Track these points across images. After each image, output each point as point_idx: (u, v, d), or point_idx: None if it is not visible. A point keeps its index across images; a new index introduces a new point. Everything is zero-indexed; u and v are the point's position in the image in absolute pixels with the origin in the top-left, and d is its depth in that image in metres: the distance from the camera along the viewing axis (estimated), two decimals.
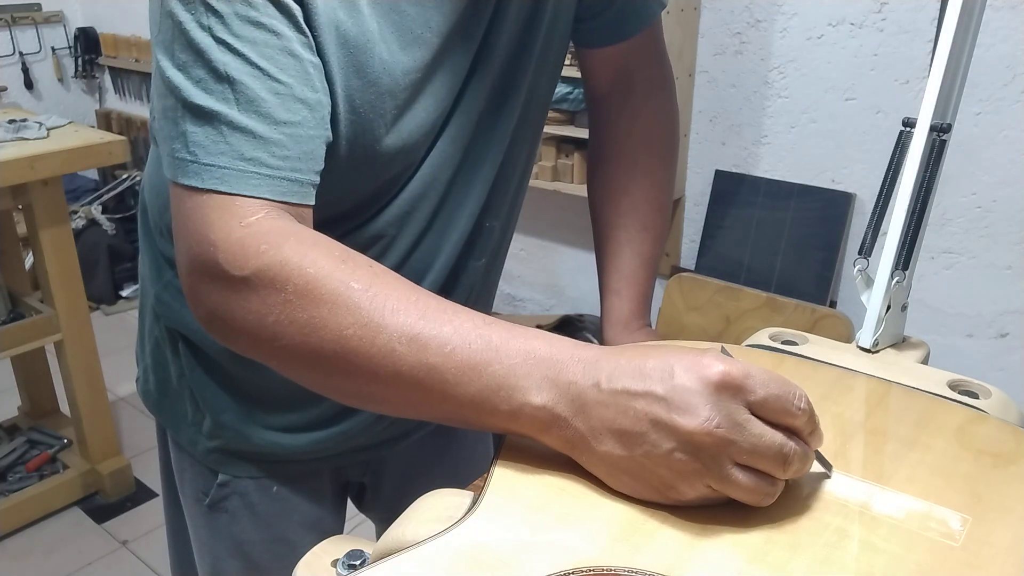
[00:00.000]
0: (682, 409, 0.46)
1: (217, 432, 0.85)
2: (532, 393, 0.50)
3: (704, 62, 2.16)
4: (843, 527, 0.51)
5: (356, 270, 0.55)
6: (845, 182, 2.02)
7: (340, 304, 0.53)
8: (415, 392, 0.53)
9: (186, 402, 0.86)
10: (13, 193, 1.93)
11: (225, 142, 0.56)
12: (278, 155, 0.57)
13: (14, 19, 3.79)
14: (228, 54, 0.56)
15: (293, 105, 0.58)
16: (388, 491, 1.00)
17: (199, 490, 0.89)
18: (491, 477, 0.54)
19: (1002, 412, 0.66)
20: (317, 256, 0.55)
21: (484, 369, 0.51)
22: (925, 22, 1.81)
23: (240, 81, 0.56)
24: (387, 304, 0.53)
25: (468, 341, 0.52)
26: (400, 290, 0.54)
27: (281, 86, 0.57)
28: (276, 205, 0.58)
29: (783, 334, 0.78)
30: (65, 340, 2.07)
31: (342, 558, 0.53)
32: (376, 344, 0.52)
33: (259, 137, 0.57)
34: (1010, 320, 1.88)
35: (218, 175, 0.56)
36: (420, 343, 0.52)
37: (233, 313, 0.57)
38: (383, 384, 0.54)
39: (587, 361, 0.50)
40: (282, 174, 0.58)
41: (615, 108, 0.89)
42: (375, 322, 0.52)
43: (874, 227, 0.75)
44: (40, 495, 2.16)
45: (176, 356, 0.85)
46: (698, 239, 2.24)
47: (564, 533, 0.50)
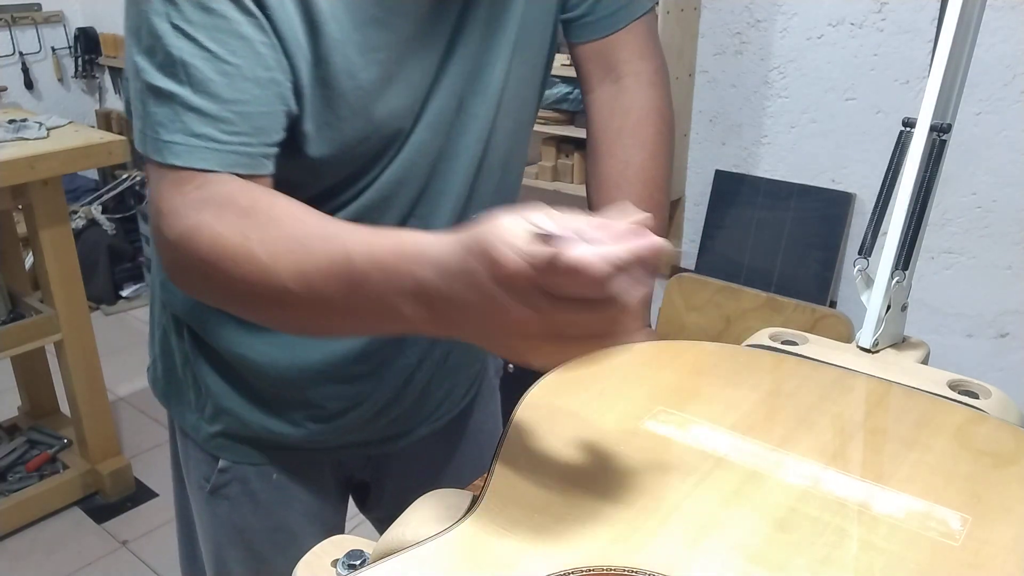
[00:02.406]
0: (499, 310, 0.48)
1: (218, 417, 0.87)
2: (405, 306, 0.55)
3: (704, 62, 2.16)
4: (843, 527, 0.51)
5: (254, 220, 0.61)
6: (845, 182, 2.02)
7: (240, 256, 0.60)
8: (315, 317, 0.61)
9: (190, 388, 0.88)
10: (13, 193, 1.93)
11: (180, 120, 0.62)
12: (227, 131, 0.62)
13: (14, 19, 3.79)
14: (182, 39, 0.61)
15: (241, 84, 0.62)
16: (391, 491, 1.00)
17: (202, 476, 0.91)
18: (491, 477, 0.54)
19: (1002, 412, 0.66)
20: (224, 214, 0.61)
21: (360, 289, 0.56)
22: (925, 22, 1.81)
23: (192, 64, 0.61)
24: (276, 247, 0.59)
25: (340, 268, 0.57)
26: (288, 230, 0.60)
27: (230, 67, 0.62)
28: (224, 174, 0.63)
29: (783, 334, 0.78)
30: (65, 340, 2.07)
31: (342, 558, 0.53)
32: (273, 285, 0.59)
33: (208, 115, 0.62)
34: (1010, 320, 1.88)
35: (175, 151, 0.62)
36: (306, 278, 0.58)
37: (176, 270, 0.66)
38: (292, 314, 0.61)
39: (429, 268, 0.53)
40: (231, 148, 0.63)
41: (607, 104, 0.89)
42: (269, 267, 0.59)
43: (874, 227, 0.75)
44: (40, 495, 2.16)
45: (181, 342, 0.87)
46: (698, 239, 2.24)
47: (564, 533, 0.50)
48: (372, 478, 0.99)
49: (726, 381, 0.69)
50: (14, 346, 2.02)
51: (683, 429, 0.61)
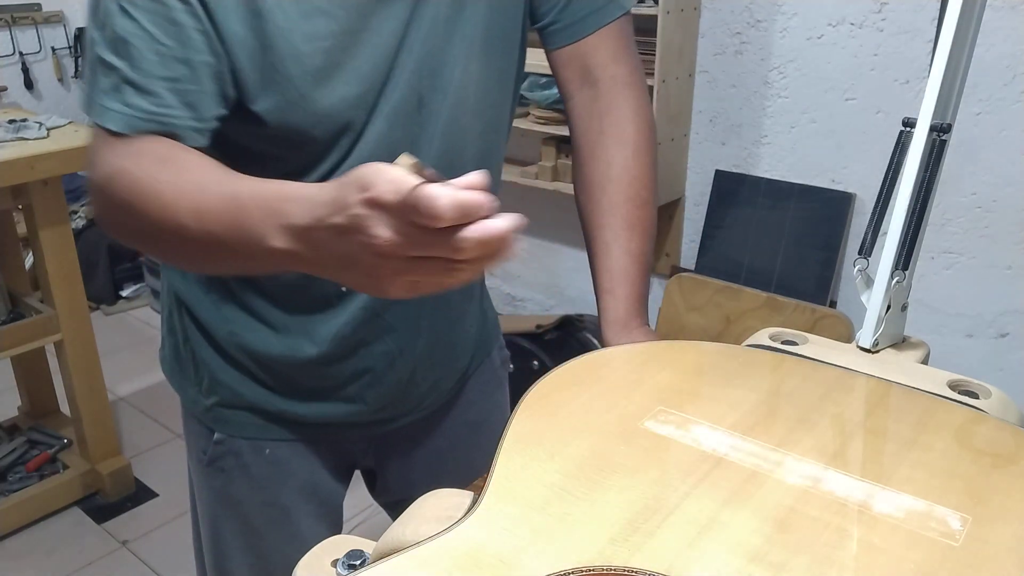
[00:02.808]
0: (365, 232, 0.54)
1: (213, 389, 0.91)
2: (273, 238, 0.62)
3: (704, 62, 2.16)
4: (843, 527, 0.51)
5: (167, 166, 0.68)
6: (845, 182, 2.02)
7: (149, 196, 0.67)
8: (207, 250, 0.68)
9: (190, 364, 0.93)
10: (13, 193, 1.93)
11: (119, 92, 0.69)
12: (157, 103, 0.69)
13: (14, 19, 3.78)
14: (126, 19, 0.69)
15: (172, 64, 0.69)
16: (395, 477, 1.02)
17: (200, 449, 0.95)
18: (491, 477, 0.54)
19: (1002, 412, 0.66)
20: (142, 161, 0.69)
21: (241, 226, 0.63)
22: (925, 22, 1.81)
23: (131, 43, 0.69)
24: (179, 189, 0.67)
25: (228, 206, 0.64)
26: (192, 175, 0.68)
27: (163, 48, 0.69)
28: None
29: (783, 334, 0.78)
30: (65, 340, 2.07)
31: (342, 558, 0.53)
32: (173, 222, 0.66)
33: (142, 89, 0.69)
34: (1010, 320, 1.88)
35: (111, 117, 0.70)
36: (200, 215, 0.65)
37: (101, 211, 0.73)
38: (191, 249, 0.69)
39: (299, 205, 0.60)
40: (159, 119, 0.70)
41: (586, 108, 0.91)
42: (171, 206, 0.66)
43: (874, 227, 0.75)
44: (40, 495, 2.16)
45: (183, 320, 0.92)
46: (698, 239, 2.24)
47: (564, 533, 0.50)
48: (375, 463, 1.01)
49: (726, 381, 0.69)
50: (14, 346, 2.02)
51: (683, 429, 0.61)
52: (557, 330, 2.20)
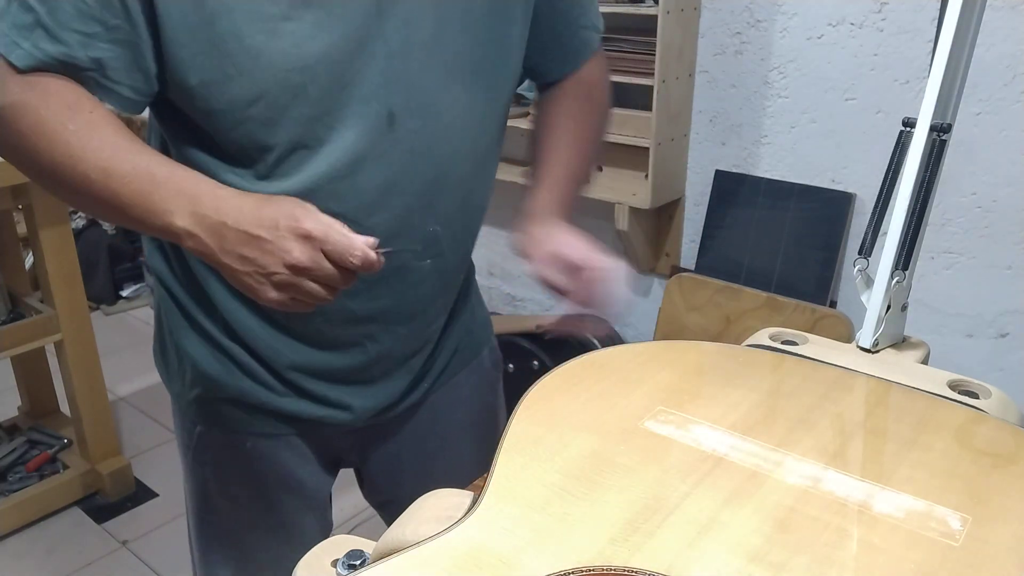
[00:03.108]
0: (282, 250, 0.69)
1: (196, 381, 0.91)
2: (176, 217, 0.71)
3: (704, 62, 2.16)
4: (843, 527, 0.51)
5: (76, 115, 0.72)
6: (845, 182, 2.02)
7: (56, 139, 0.71)
8: (105, 206, 0.73)
9: (174, 355, 0.93)
10: (13, 193, 1.93)
11: (31, 32, 0.71)
12: (66, 53, 0.71)
13: None
14: None
15: (88, 21, 0.71)
16: (381, 474, 1.02)
17: (184, 443, 0.97)
18: (491, 477, 0.54)
19: (1002, 412, 0.66)
20: (50, 101, 0.72)
21: (148, 196, 0.71)
22: (925, 22, 1.81)
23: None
24: (90, 143, 0.72)
25: (141, 175, 0.72)
26: (104, 133, 0.73)
27: (84, 5, 0.70)
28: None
29: (783, 334, 0.78)
30: (65, 340, 2.07)
31: (342, 558, 0.53)
32: (77, 171, 0.72)
33: (54, 36, 0.71)
34: (1010, 320, 1.88)
35: (17, 53, 0.71)
36: (107, 173, 0.71)
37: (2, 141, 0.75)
38: (85, 199, 0.74)
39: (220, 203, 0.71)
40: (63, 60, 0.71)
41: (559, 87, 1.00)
42: (77, 155, 0.71)
43: (874, 227, 0.75)
44: (40, 495, 2.16)
45: (167, 312, 0.92)
46: (698, 239, 2.24)
47: (564, 533, 0.50)
48: (361, 461, 1.02)
49: (726, 381, 0.69)
50: (14, 346, 2.02)
51: (683, 429, 0.61)
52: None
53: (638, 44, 2.05)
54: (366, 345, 0.89)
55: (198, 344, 0.90)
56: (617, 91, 2.33)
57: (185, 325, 0.91)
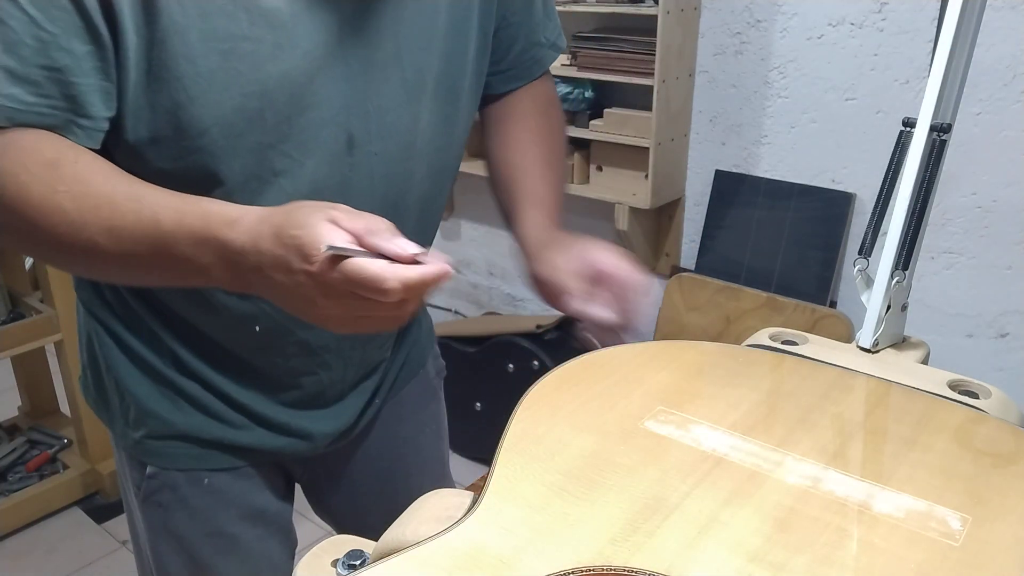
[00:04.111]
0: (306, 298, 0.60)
1: (142, 420, 0.85)
2: (212, 269, 0.62)
3: (704, 62, 2.15)
4: (843, 527, 0.51)
5: (62, 172, 0.63)
6: (845, 182, 2.02)
7: (47, 207, 0.62)
8: (124, 269, 0.65)
9: (114, 394, 0.86)
10: None
11: None
12: (33, 93, 0.63)
13: None
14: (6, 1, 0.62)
15: (55, 53, 0.63)
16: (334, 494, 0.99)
17: (134, 484, 0.90)
18: (491, 477, 0.54)
19: (1002, 412, 0.66)
20: (28, 163, 0.63)
21: (170, 251, 0.62)
22: (925, 22, 1.81)
23: (9, 24, 0.62)
24: (86, 203, 0.62)
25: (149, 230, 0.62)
26: (98, 187, 0.63)
27: (46, 34, 0.62)
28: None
29: (783, 334, 0.78)
30: (65, 340, 2.07)
31: (342, 558, 0.53)
32: (82, 238, 0.62)
33: (16, 76, 0.62)
34: (1010, 320, 1.88)
35: None
36: (115, 234, 0.62)
37: None
38: (100, 266, 0.66)
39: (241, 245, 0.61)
40: (36, 110, 0.63)
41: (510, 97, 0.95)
42: (77, 221, 0.62)
43: (874, 227, 0.75)
44: (40, 495, 2.16)
45: (102, 347, 0.86)
46: (698, 239, 2.24)
47: (564, 533, 0.50)
48: (312, 479, 0.98)
49: (726, 381, 0.69)
50: (14, 346, 2.02)
51: (683, 429, 0.61)
52: (557, 330, 2.20)
53: (638, 44, 2.05)
54: (319, 373, 0.86)
55: (141, 380, 0.84)
56: (617, 91, 2.33)
57: (124, 360, 0.84)
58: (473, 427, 2.13)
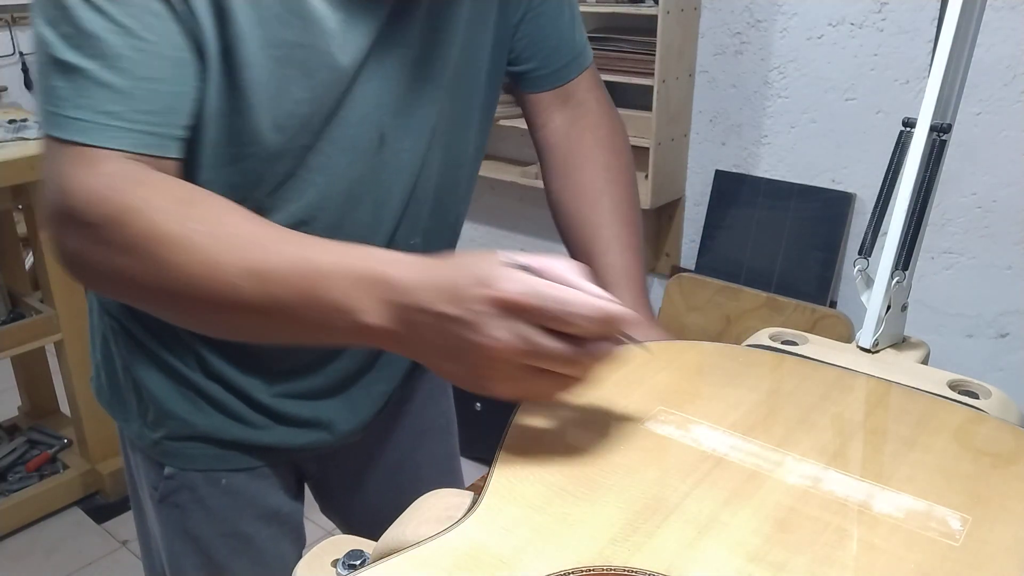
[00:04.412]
0: (479, 332, 0.52)
1: (161, 421, 0.84)
2: (367, 315, 0.55)
3: (704, 62, 2.15)
4: (843, 527, 0.51)
5: (196, 210, 0.59)
6: (845, 182, 2.02)
7: (180, 245, 0.57)
8: (262, 320, 0.58)
9: (132, 394, 0.86)
10: (13, 193, 1.93)
11: (87, 96, 0.59)
12: (138, 109, 0.60)
13: (14, 19, 3.79)
14: (92, 11, 0.59)
15: (155, 62, 0.60)
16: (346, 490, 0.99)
17: (151, 485, 0.89)
18: (491, 477, 0.54)
19: (1002, 412, 0.66)
20: (159, 200, 0.58)
21: (321, 295, 0.56)
22: (925, 22, 1.81)
23: (103, 38, 0.59)
24: (225, 241, 0.57)
25: (301, 269, 0.56)
26: (238, 225, 0.59)
27: (144, 43, 0.59)
28: (134, 156, 0.61)
29: (783, 334, 0.78)
30: (65, 340, 2.07)
31: (342, 558, 0.53)
32: (217, 280, 0.57)
33: (119, 91, 0.59)
34: (1010, 320, 1.88)
35: (80, 127, 0.59)
36: (258, 276, 0.56)
37: (88, 257, 0.61)
38: (231, 315, 0.59)
39: (408, 283, 0.55)
40: (141, 127, 0.60)
41: (571, 126, 0.92)
42: (214, 260, 0.57)
43: (874, 227, 0.75)
44: (40, 495, 2.16)
45: (119, 347, 0.85)
46: (698, 239, 2.24)
47: (564, 533, 0.50)
48: (324, 477, 0.99)
49: (726, 381, 0.69)
50: (14, 346, 2.02)
51: (683, 429, 0.61)
52: None
53: (638, 44, 2.05)
54: (343, 357, 0.85)
55: (162, 381, 0.83)
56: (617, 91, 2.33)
57: (145, 361, 0.83)
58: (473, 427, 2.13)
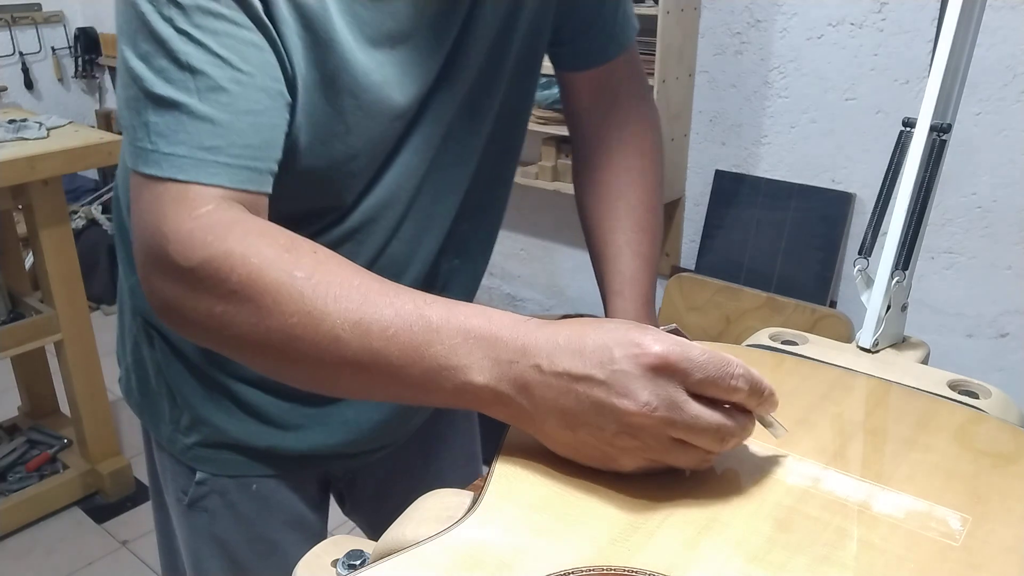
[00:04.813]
0: (621, 393, 0.49)
1: (195, 427, 0.84)
2: (474, 372, 0.52)
3: (704, 62, 2.16)
4: (843, 527, 0.51)
5: (300, 258, 0.57)
6: (845, 182, 2.02)
7: (283, 293, 0.55)
8: (362, 375, 0.55)
9: (164, 399, 0.85)
10: (13, 193, 1.93)
11: (185, 131, 0.57)
12: (238, 144, 0.58)
13: (14, 19, 3.79)
14: (190, 44, 0.57)
15: (255, 95, 0.59)
16: (369, 494, 0.99)
17: (179, 489, 0.89)
18: (491, 477, 0.54)
19: (1002, 412, 0.66)
20: (261, 246, 0.57)
21: (426, 350, 0.53)
22: (925, 22, 1.81)
23: (202, 71, 0.57)
24: (330, 291, 0.55)
25: (409, 323, 0.54)
26: (343, 275, 0.56)
27: (243, 75, 0.58)
28: (231, 194, 0.59)
29: (783, 334, 0.78)
30: (65, 340, 2.07)
31: (342, 558, 0.53)
32: (320, 331, 0.54)
33: (219, 126, 0.58)
34: (1010, 320, 1.88)
35: (177, 164, 0.57)
36: (363, 328, 0.54)
37: (184, 303, 0.59)
38: (331, 369, 0.56)
39: (525, 340, 0.52)
40: (241, 162, 0.59)
41: (602, 119, 0.92)
42: (318, 309, 0.54)
43: (874, 227, 0.75)
44: (40, 495, 2.17)
45: (152, 351, 0.84)
46: (698, 239, 2.24)
47: (564, 533, 0.50)
48: (351, 482, 0.98)
49: None
50: (14, 346, 2.02)
51: None
52: None
53: (638, 44, 2.05)
54: None
55: (197, 388, 0.82)
56: None
57: (180, 367, 0.82)
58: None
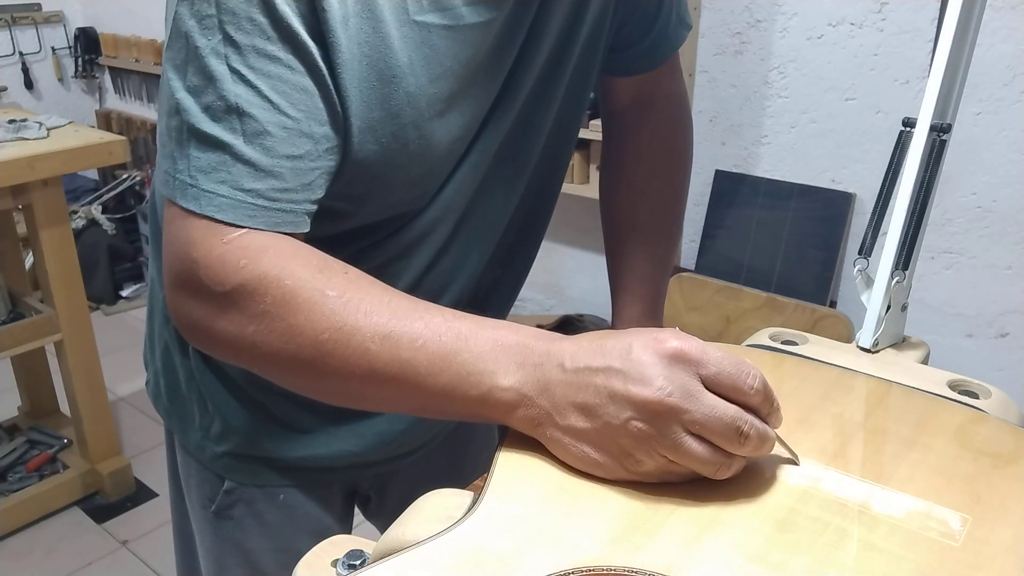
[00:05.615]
0: (637, 379, 0.50)
1: (226, 436, 0.84)
2: (500, 376, 0.54)
3: (704, 62, 2.16)
4: (843, 527, 0.51)
5: (332, 278, 0.58)
6: (845, 182, 2.02)
7: (316, 311, 0.57)
8: (390, 386, 0.57)
9: (194, 406, 0.85)
10: (13, 193, 1.93)
11: (227, 171, 0.58)
12: (277, 187, 0.59)
13: (14, 19, 3.79)
14: (241, 85, 0.58)
15: (298, 140, 0.59)
16: (395, 499, 0.99)
17: (205, 496, 0.89)
18: (491, 477, 0.54)
19: (1002, 412, 0.66)
20: (295, 267, 0.58)
21: (454, 358, 0.55)
22: (925, 22, 1.81)
23: (250, 113, 0.58)
24: (360, 307, 0.57)
25: (438, 334, 0.56)
26: (373, 293, 0.58)
27: (289, 120, 0.59)
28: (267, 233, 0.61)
29: (783, 334, 0.78)
30: (65, 340, 2.08)
31: (342, 558, 0.53)
32: (351, 345, 0.56)
33: (261, 170, 0.58)
34: (1010, 320, 1.88)
35: (217, 203, 0.58)
36: (392, 340, 0.56)
37: (214, 326, 0.60)
38: (359, 381, 0.57)
39: (551, 345, 0.55)
40: (278, 206, 0.60)
41: (636, 120, 0.92)
42: (349, 325, 0.56)
43: (874, 227, 0.75)
44: (40, 495, 2.17)
45: (185, 359, 0.84)
46: (698, 239, 2.24)
47: (565, 533, 0.50)
48: (378, 490, 0.98)
49: None
50: (14, 346, 2.02)
51: None
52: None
53: None
54: None
55: (228, 398, 0.82)
56: None
57: (211, 377, 0.82)
58: None
